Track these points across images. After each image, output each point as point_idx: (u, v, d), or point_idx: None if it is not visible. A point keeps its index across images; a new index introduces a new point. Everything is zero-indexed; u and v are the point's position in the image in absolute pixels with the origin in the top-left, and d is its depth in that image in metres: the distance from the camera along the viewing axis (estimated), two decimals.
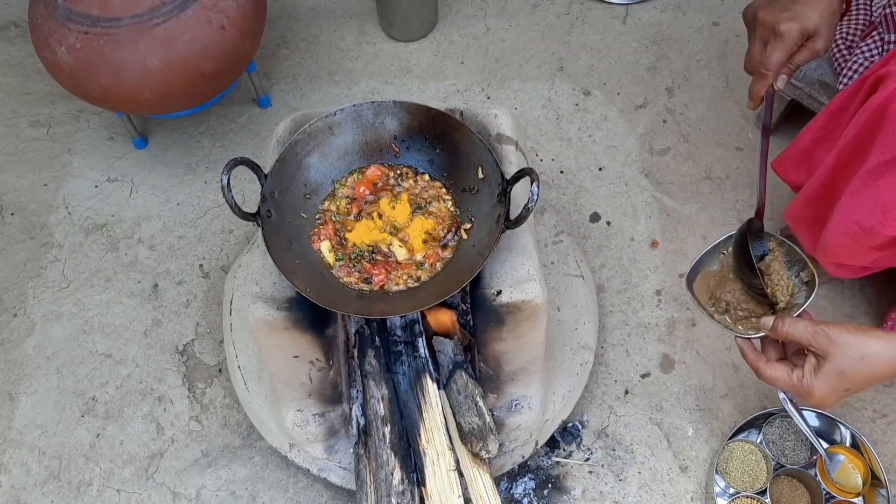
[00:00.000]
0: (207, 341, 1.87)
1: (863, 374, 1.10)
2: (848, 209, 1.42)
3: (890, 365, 1.09)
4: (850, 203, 1.41)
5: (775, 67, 1.21)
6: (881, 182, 1.33)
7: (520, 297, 1.30)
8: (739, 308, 1.30)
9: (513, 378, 1.50)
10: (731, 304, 1.31)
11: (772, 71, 1.22)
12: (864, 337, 1.09)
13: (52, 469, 1.73)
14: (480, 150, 1.33)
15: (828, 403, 1.15)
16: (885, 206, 1.32)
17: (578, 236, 1.96)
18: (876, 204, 1.34)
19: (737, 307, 1.30)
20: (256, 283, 1.34)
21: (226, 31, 1.78)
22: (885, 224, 1.32)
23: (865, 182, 1.37)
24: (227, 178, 1.22)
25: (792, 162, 1.73)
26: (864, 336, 1.09)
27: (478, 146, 1.33)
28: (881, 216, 1.33)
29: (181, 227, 2.04)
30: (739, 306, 1.30)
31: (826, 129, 1.60)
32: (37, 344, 1.89)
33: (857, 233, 1.40)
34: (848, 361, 1.10)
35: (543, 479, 1.65)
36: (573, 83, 2.25)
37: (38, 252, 2.03)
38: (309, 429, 1.52)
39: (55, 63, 1.78)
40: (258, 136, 2.18)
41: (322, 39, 2.39)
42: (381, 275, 1.31)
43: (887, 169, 1.31)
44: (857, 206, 1.39)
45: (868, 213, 1.36)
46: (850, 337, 1.10)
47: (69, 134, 2.23)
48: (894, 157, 1.30)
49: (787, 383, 1.16)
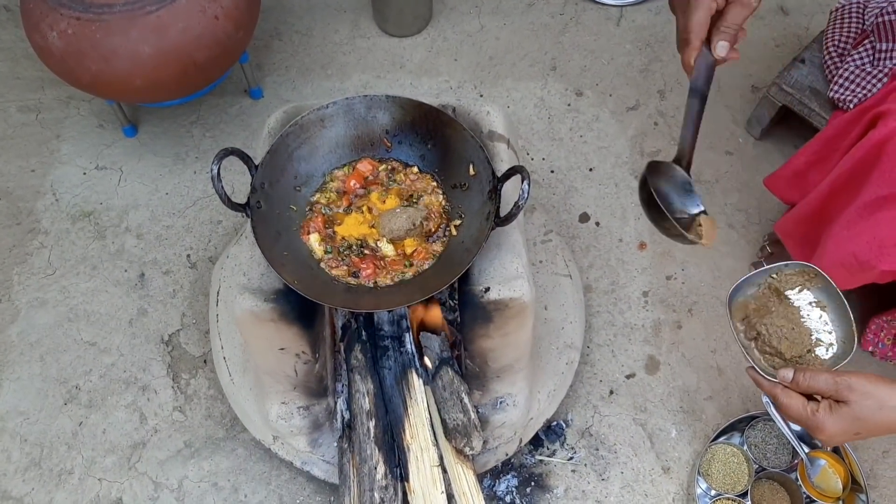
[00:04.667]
0: (193, 332, 1.86)
1: (879, 423, 1.12)
2: (843, 238, 1.44)
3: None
4: (845, 233, 1.44)
5: (696, 29, 1.14)
6: (877, 216, 1.35)
7: (507, 295, 1.30)
8: (769, 344, 1.27)
9: (498, 375, 1.50)
10: (763, 336, 1.28)
11: (693, 33, 1.14)
12: (886, 388, 1.11)
13: (34, 456, 1.72)
14: (472, 147, 1.33)
15: (835, 442, 1.17)
16: (881, 242, 1.35)
17: (567, 236, 1.97)
18: (873, 238, 1.36)
19: (767, 342, 1.27)
20: (244, 274, 1.33)
21: (219, 20, 1.78)
22: (880, 259, 1.35)
23: (861, 214, 1.39)
24: (217, 168, 1.22)
25: (785, 182, 1.75)
26: (886, 387, 1.11)
27: (469, 143, 1.33)
28: (877, 251, 1.35)
29: (169, 216, 2.03)
30: (769, 342, 1.27)
31: (821, 154, 1.63)
32: (21, 330, 1.87)
33: (852, 264, 1.43)
34: (867, 410, 1.11)
35: (526, 477, 1.66)
36: (566, 83, 2.25)
37: (24, 238, 2.01)
38: (293, 422, 1.52)
39: (46, 48, 1.76)
40: (249, 128, 2.17)
41: (316, 32, 2.38)
42: (369, 269, 1.31)
43: (884, 204, 1.34)
44: (852, 236, 1.41)
45: (864, 247, 1.38)
46: (871, 387, 1.11)
47: (58, 120, 2.21)
48: (892, 193, 1.33)
49: (801, 414, 1.16)
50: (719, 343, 1.80)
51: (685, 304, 1.87)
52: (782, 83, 1.89)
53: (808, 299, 1.28)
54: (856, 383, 1.11)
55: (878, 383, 1.11)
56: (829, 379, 1.13)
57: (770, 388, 1.21)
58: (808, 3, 2.38)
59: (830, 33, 1.85)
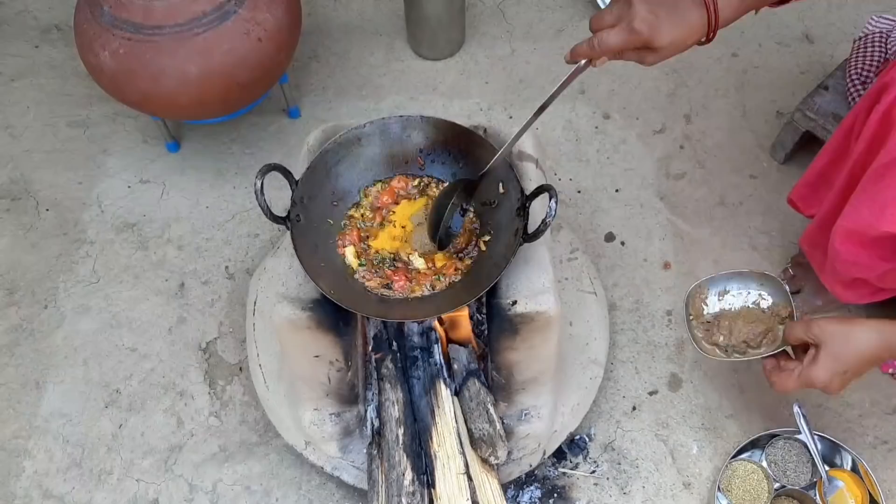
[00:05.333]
0: (229, 340, 1.93)
1: (853, 354, 1.31)
2: (852, 207, 1.46)
3: (872, 344, 1.31)
4: (854, 201, 1.46)
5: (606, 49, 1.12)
6: (882, 182, 1.37)
7: (534, 308, 1.35)
8: (739, 345, 1.55)
9: (524, 388, 1.54)
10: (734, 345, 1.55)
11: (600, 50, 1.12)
12: (849, 324, 1.33)
13: (75, 457, 1.78)
14: (502, 166, 1.38)
15: (833, 387, 1.33)
16: (883, 203, 1.36)
17: (593, 255, 2.01)
18: (874, 201, 1.38)
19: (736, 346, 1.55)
20: (282, 283, 1.40)
21: (262, 42, 1.86)
22: (881, 220, 1.36)
23: (870, 182, 1.41)
24: (260, 182, 1.28)
25: (809, 189, 1.75)
26: (849, 323, 1.33)
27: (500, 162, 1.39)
28: (879, 212, 1.37)
29: (209, 229, 2.11)
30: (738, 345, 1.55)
31: (840, 149, 1.63)
32: (65, 335, 1.95)
33: (856, 230, 1.45)
34: (839, 345, 1.32)
35: (549, 488, 1.70)
36: (594, 106, 2.31)
37: (71, 247, 2.10)
38: (325, 428, 1.57)
39: (98, 67, 1.85)
40: (287, 145, 2.25)
41: (352, 55, 2.46)
42: (401, 281, 1.37)
43: (888, 169, 1.35)
44: (860, 203, 1.44)
45: (867, 211, 1.40)
46: (837, 325, 1.33)
47: (105, 135, 2.31)
48: (894, 158, 1.35)
49: (794, 381, 1.37)
50: (741, 362, 1.83)
51: None
52: (806, 109, 1.93)
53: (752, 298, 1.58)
54: (823, 325, 1.33)
55: (843, 321, 1.34)
56: (802, 324, 1.36)
57: (768, 376, 1.42)
58: (832, 32, 2.42)
59: (854, 61, 1.89)
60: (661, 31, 1.08)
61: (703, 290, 1.62)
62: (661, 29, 1.08)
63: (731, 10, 1.12)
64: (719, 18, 1.10)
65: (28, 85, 2.43)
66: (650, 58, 1.12)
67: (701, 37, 1.12)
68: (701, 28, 1.10)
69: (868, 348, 1.31)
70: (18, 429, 1.82)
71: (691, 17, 1.09)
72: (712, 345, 1.57)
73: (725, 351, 1.55)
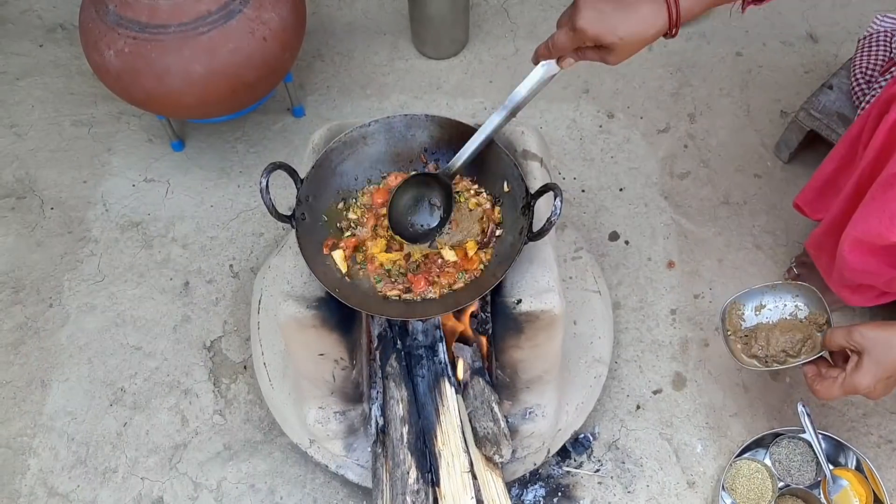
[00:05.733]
0: (234, 339, 1.93)
1: (894, 360, 1.29)
2: (861, 216, 1.46)
3: None
4: (863, 211, 1.46)
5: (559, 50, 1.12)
6: (890, 192, 1.36)
7: (539, 307, 1.35)
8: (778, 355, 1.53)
9: (528, 386, 1.55)
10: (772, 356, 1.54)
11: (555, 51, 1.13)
12: (891, 329, 1.30)
13: (80, 455, 1.79)
14: (507, 165, 1.38)
15: (877, 392, 1.32)
16: (892, 214, 1.36)
17: (597, 253, 2.01)
18: (883, 211, 1.38)
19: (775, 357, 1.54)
20: (287, 282, 1.39)
21: (267, 42, 1.86)
22: (891, 230, 1.37)
23: (879, 191, 1.41)
24: (266, 181, 1.28)
25: (816, 194, 1.75)
26: (891, 329, 1.30)
27: (504, 161, 1.38)
28: (889, 222, 1.37)
29: (213, 228, 2.12)
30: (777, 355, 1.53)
31: (847, 156, 1.64)
32: (70, 334, 1.96)
33: (865, 239, 1.45)
34: (881, 352, 1.30)
35: (554, 487, 1.70)
36: (598, 105, 2.31)
37: (76, 246, 2.10)
38: (329, 426, 1.57)
39: (103, 66, 1.86)
40: (291, 144, 2.26)
41: (356, 54, 2.46)
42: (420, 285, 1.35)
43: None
44: (868, 213, 1.43)
45: (876, 221, 1.40)
46: (879, 331, 1.30)
47: (110, 134, 2.32)
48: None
49: (838, 388, 1.35)
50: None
51: (712, 322, 1.90)
52: (810, 108, 1.93)
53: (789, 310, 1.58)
54: (864, 331, 1.32)
55: (884, 326, 1.31)
56: (843, 330, 1.35)
57: (811, 384, 1.40)
58: (837, 31, 2.42)
59: (858, 60, 1.89)
60: (608, 28, 1.05)
61: (738, 306, 1.61)
62: (607, 26, 1.05)
63: (694, 3, 1.07)
64: (680, 11, 1.05)
65: (33, 84, 2.44)
66: (609, 57, 1.09)
67: (661, 30, 1.07)
68: (656, 21, 1.06)
69: None
70: (23, 427, 1.83)
71: (643, 11, 1.05)
72: (751, 357, 1.56)
73: (765, 362, 1.54)
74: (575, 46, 1.10)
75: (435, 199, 1.40)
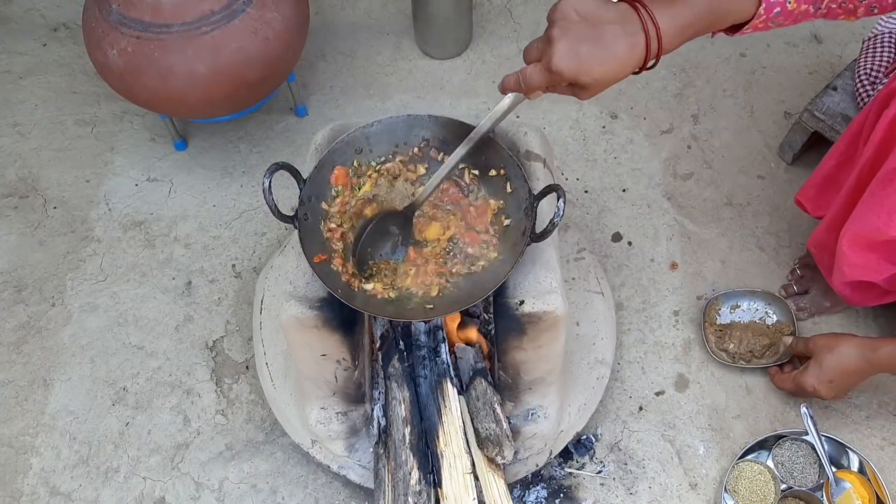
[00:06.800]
0: (236, 339, 1.93)
1: (834, 367, 1.55)
2: (860, 212, 1.46)
3: (852, 360, 1.53)
4: (862, 206, 1.46)
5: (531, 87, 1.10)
6: (890, 187, 1.36)
7: (541, 308, 1.35)
8: (745, 354, 1.81)
9: (531, 387, 1.54)
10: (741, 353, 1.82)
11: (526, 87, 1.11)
12: (836, 339, 1.58)
13: (82, 454, 1.79)
14: (510, 166, 1.38)
15: (822, 392, 1.59)
16: (891, 209, 1.36)
17: (600, 254, 2.01)
18: (882, 206, 1.38)
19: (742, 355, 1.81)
20: (290, 282, 1.40)
21: (270, 42, 1.86)
22: (889, 225, 1.37)
23: (878, 187, 1.41)
24: (268, 182, 1.28)
25: (816, 190, 1.75)
26: (836, 339, 1.58)
27: (507, 161, 1.39)
28: (887, 218, 1.37)
29: (216, 227, 2.12)
30: (745, 354, 1.81)
31: (848, 152, 1.63)
32: (72, 333, 1.96)
33: (864, 234, 1.45)
34: (825, 357, 1.57)
35: (556, 488, 1.69)
36: (601, 106, 2.31)
37: (78, 245, 2.10)
38: (331, 426, 1.57)
39: (106, 65, 1.86)
40: (294, 144, 2.26)
41: (359, 54, 2.46)
42: None
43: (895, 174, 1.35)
44: (867, 208, 1.43)
45: (875, 216, 1.40)
46: (827, 339, 1.60)
47: (112, 133, 2.32)
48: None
49: (789, 382, 1.67)
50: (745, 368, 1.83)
51: None
52: (814, 109, 1.92)
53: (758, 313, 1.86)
54: (816, 339, 1.62)
55: (833, 337, 1.59)
56: (801, 339, 1.68)
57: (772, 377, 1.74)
58: (841, 32, 2.41)
59: (862, 61, 1.88)
60: (584, 69, 1.03)
61: (718, 302, 1.87)
62: (584, 67, 1.02)
63: (673, 36, 1.06)
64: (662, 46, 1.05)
65: (36, 83, 2.44)
66: (582, 94, 1.07)
67: (635, 66, 1.06)
68: (631, 58, 1.05)
69: (850, 363, 1.53)
70: (25, 426, 1.83)
71: (617, 50, 1.03)
72: (722, 350, 1.81)
73: (732, 357, 1.80)
74: (547, 86, 1.09)
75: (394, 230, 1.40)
